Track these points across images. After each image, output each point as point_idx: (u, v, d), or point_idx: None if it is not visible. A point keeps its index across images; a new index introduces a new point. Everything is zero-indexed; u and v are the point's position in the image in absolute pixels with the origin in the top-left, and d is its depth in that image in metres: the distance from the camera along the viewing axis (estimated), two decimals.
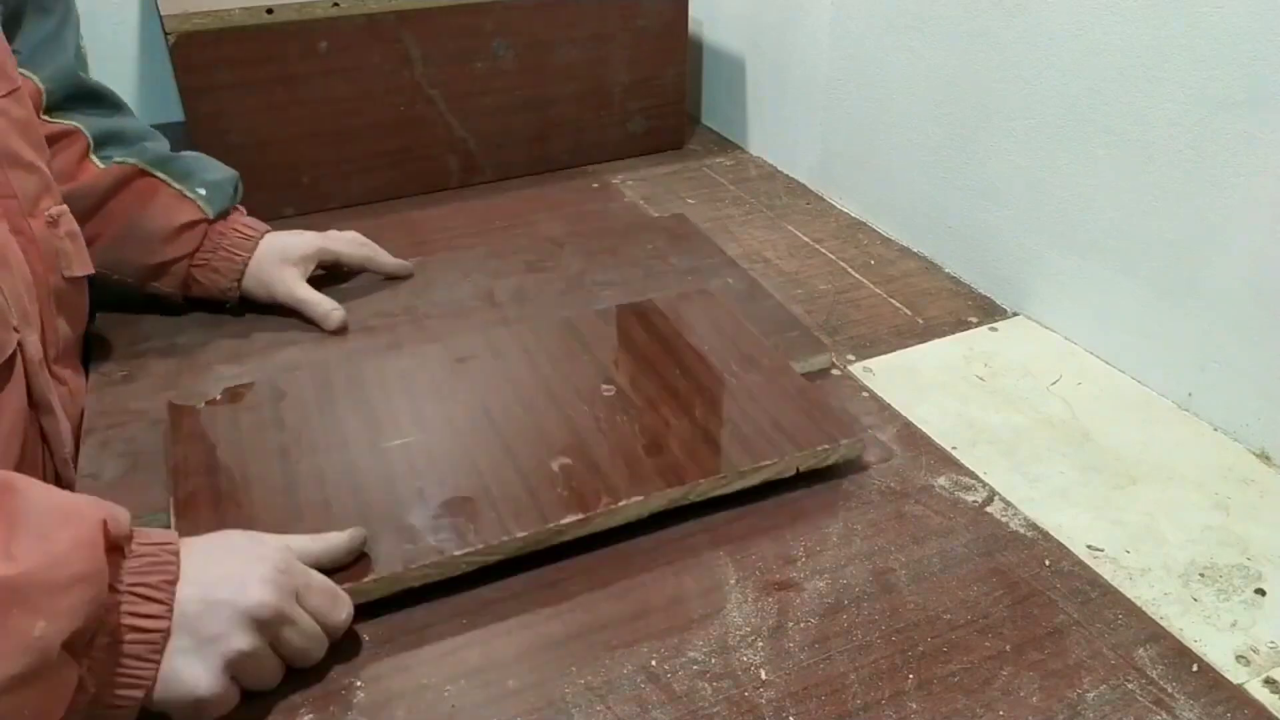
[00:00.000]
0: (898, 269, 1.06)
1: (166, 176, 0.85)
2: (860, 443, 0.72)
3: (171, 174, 0.85)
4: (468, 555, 0.62)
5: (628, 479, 0.67)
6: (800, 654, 0.59)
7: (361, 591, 0.59)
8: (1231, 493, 0.74)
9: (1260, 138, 0.73)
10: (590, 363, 0.80)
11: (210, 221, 0.86)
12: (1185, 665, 0.59)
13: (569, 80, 1.24)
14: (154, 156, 0.85)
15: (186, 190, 0.85)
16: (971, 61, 0.97)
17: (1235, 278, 0.77)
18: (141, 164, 0.84)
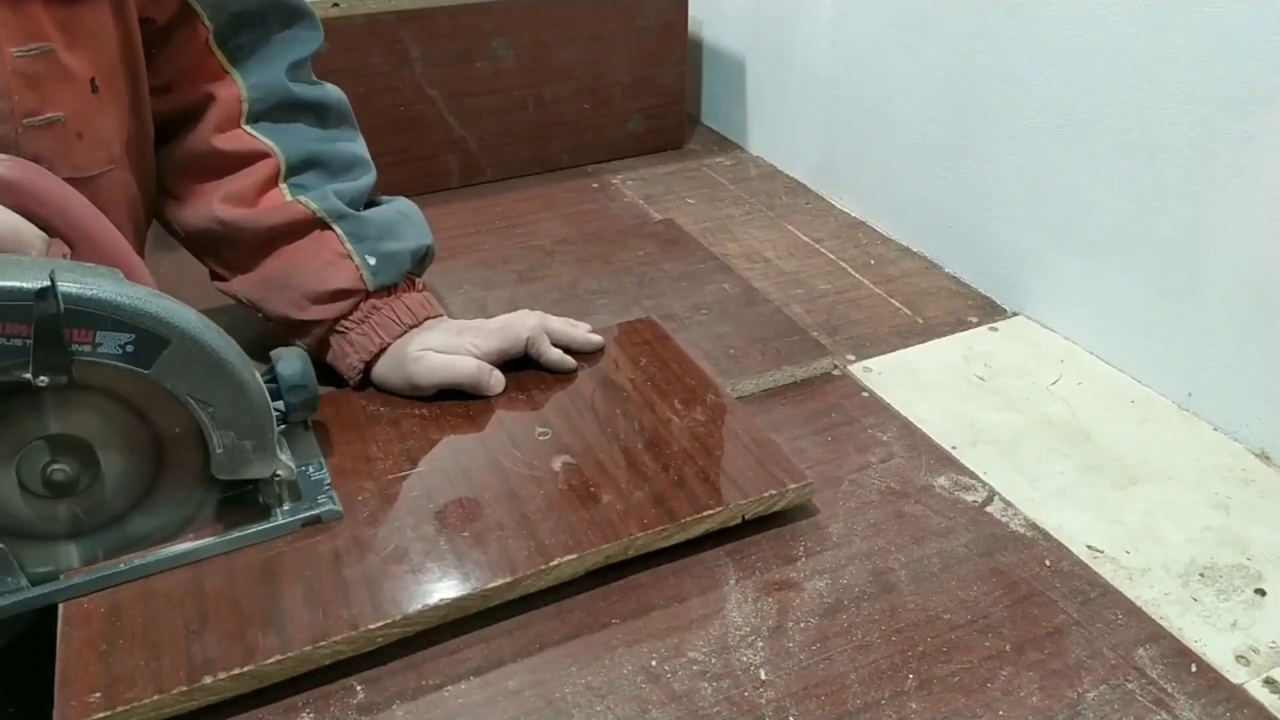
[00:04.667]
0: (898, 269, 1.06)
1: (341, 233, 0.76)
2: (809, 487, 0.68)
3: (347, 231, 0.76)
4: (384, 628, 0.57)
5: (561, 535, 0.62)
6: (800, 654, 0.59)
7: (263, 675, 0.54)
8: (1231, 493, 0.74)
9: (1260, 138, 0.73)
10: (525, 402, 0.75)
11: (368, 294, 0.76)
12: (1185, 665, 0.59)
13: (569, 80, 1.24)
14: (335, 207, 0.76)
15: (355, 255, 0.75)
16: (971, 61, 0.97)
17: (1235, 278, 0.77)
18: (319, 212, 0.75)
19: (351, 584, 0.59)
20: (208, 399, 0.58)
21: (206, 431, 0.59)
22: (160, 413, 0.58)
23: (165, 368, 0.56)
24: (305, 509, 0.64)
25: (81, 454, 0.57)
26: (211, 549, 0.61)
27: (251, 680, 0.54)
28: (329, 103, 0.79)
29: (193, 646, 0.55)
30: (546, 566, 0.61)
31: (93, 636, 0.55)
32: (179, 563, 0.61)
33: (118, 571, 0.59)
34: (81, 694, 0.52)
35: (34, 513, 0.58)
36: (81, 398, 0.56)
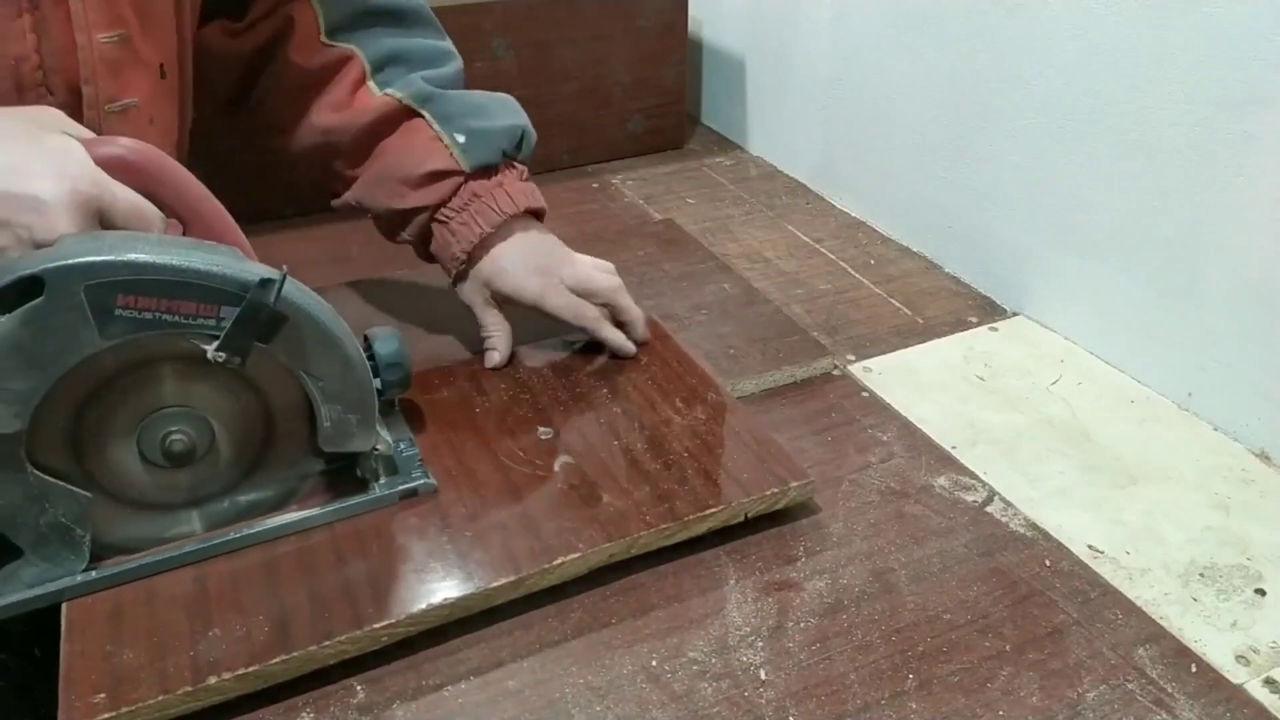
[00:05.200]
0: (898, 269, 1.06)
1: (428, 115, 0.76)
2: (810, 485, 0.68)
3: (434, 113, 0.76)
4: (388, 628, 0.57)
5: (564, 534, 0.62)
6: (800, 654, 0.59)
7: (268, 675, 0.54)
8: (1231, 493, 0.74)
9: (1260, 138, 0.73)
10: (527, 402, 0.75)
11: (466, 175, 0.75)
12: (1185, 665, 0.59)
13: (569, 80, 1.24)
14: (421, 90, 0.76)
15: (443, 134, 0.75)
16: (971, 61, 0.97)
17: (1235, 278, 0.77)
18: (405, 99, 0.75)
19: (355, 584, 0.59)
20: (319, 374, 0.60)
21: (316, 405, 0.61)
22: (272, 386, 0.60)
23: (282, 343, 0.58)
24: (401, 483, 0.65)
25: (198, 425, 0.59)
26: (316, 519, 0.63)
27: (256, 680, 0.54)
28: (405, 7, 0.80)
29: (197, 646, 0.55)
30: (550, 565, 0.61)
31: (97, 637, 0.55)
32: (286, 532, 0.62)
33: (225, 541, 0.61)
34: (86, 694, 0.52)
35: (153, 482, 0.60)
36: (201, 371, 0.58)
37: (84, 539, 0.57)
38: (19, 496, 0.55)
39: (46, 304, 0.51)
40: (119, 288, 0.52)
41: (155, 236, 0.56)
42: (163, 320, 0.54)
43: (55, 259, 0.51)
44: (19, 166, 0.52)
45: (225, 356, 0.56)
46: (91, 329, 0.52)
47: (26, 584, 0.57)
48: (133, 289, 0.52)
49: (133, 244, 0.53)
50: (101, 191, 0.54)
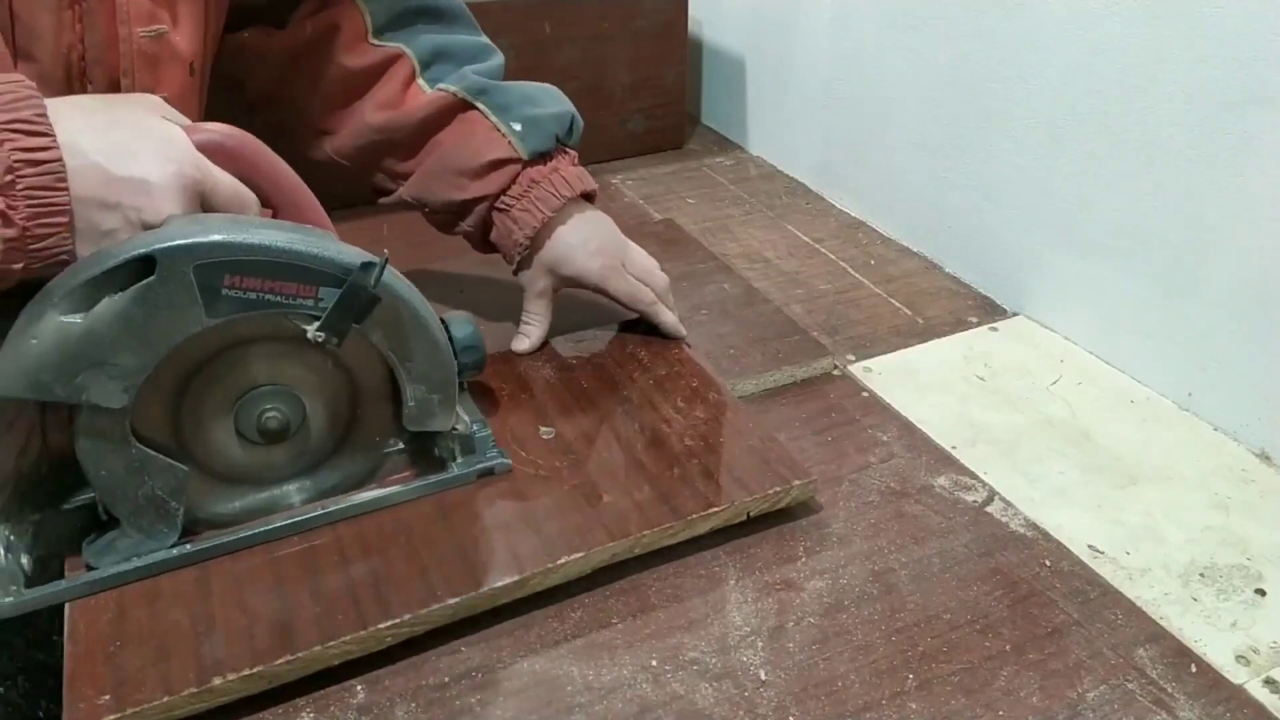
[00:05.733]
0: (898, 269, 1.06)
1: (484, 107, 0.77)
2: (813, 484, 0.68)
3: (489, 104, 0.78)
4: (392, 628, 0.57)
5: (567, 533, 0.62)
6: (800, 654, 0.59)
7: (272, 675, 0.54)
8: (1231, 493, 0.74)
9: (1260, 138, 0.73)
10: (529, 403, 0.75)
11: (524, 163, 0.77)
12: (1185, 665, 0.59)
13: (569, 80, 1.23)
14: (474, 83, 0.78)
15: (500, 124, 0.77)
16: (971, 61, 0.97)
17: (1235, 278, 0.77)
18: (460, 92, 0.77)
19: (358, 584, 0.59)
20: (407, 354, 0.62)
21: (402, 384, 0.63)
22: (361, 366, 0.63)
23: (374, 324, 0.60)
24: (477, 462, 0.67)
25: (291, 403, 0.62)
26: (399, 496, 0.65)
27: (260, 681, 0.54)
28: (444, 5, 0.82)
29: (201, 647, 0.55)
30: (554, 565, 0.61)
31: (101, 638, 0.55)
32: (371, 508, 0.64)
33: (311, 517, 0.63)
34: (90, 696, 0.52)
35: (245, 458, 0.62)
36: (293, 350, 0.60)
37: (178, 512, 0.59)
38: (121, 469, 0.57)
39: (158, 283, 0.53)
40: (226, 268, 0.54)
41: (257, 219, 0.58)
42: (265, 300, 0.56)
43: (166, 240, 0.53)
44: (127, 150, 0.54)
45: (324, 337, 0.58)
46: (199, 308, 0.54)
47: (122, 555, 0.59)
48: (239, 269, 0.54)
49: (238, 226, 0.55)
50: (204, 175, 0.56)
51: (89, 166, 0.52)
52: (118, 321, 0.53)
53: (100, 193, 0.53)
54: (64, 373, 0.53)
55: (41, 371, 0.52)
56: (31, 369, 0.52)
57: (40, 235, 0.51)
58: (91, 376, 0.53)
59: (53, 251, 0.52)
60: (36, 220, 0.51)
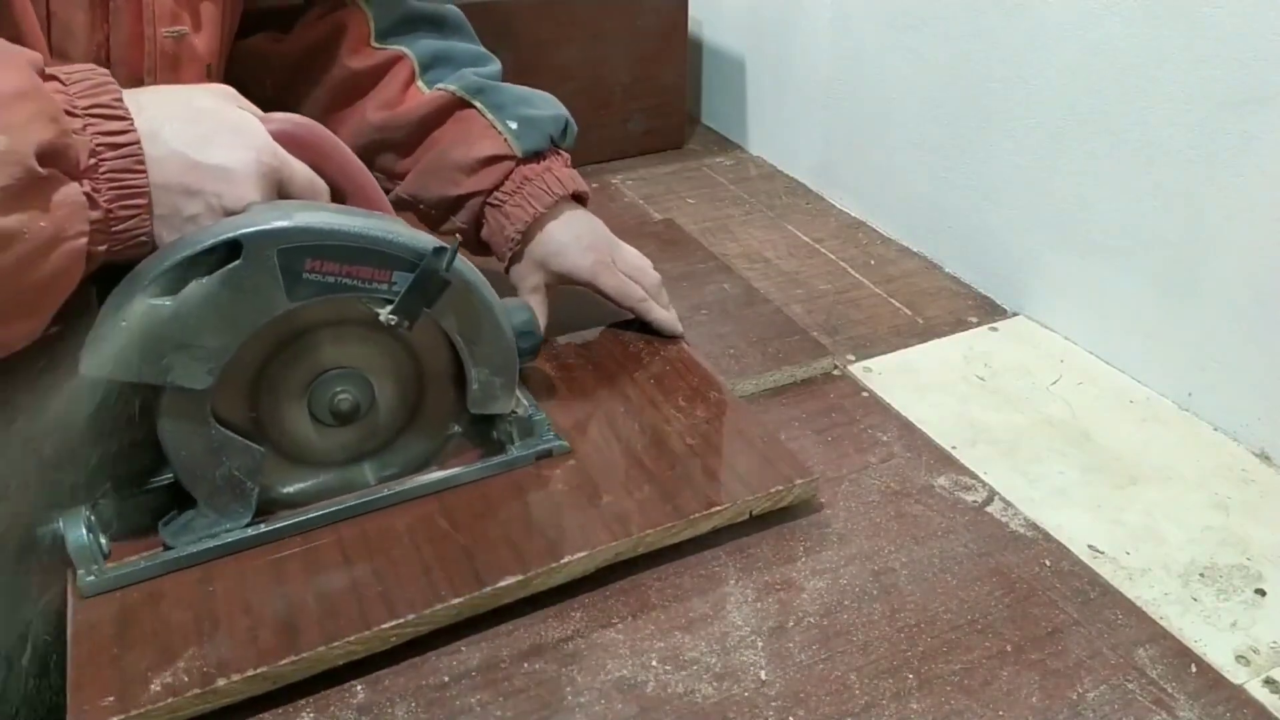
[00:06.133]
0: (898, 269, 1.06)
1: (480, 105, 0.79)
2: (815, 483, 0.68)
3: (486, 103, 0.79)
4: (396, 628, 0.57)
5: (570, 533, 0.62)
6: (800, 654, 0.59)
7: (276, 676, 0.54)
8: (1231, 493, 0.74)
9: (1260, 138, 0.73)
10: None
11: (518, 160, 0.79)
12: (1185, 665, 0.59)
13: (569, 80, 1.24)
14: (470, 84, 0.80)
15: (496, 122, 0.79)
16: (971, 61, 0.97)
17: (1235, 278, 0.77)
18: (458, 91, 0.79)
19: (361, 584, 0.59)
20: (473, 338, 0.64)
21: (467, 367, 0.64)
22: (427, 349, 0.65)
23: (444, 307, 0.62)
24: (535, 444, 0.68)
25: (362, 386, 0.63)
26: (462, 477, 0.66)
27: (265, 682, 0.54)
28: (446, 15, 0.84)
29: (205, 648, 0.55)
30: (557, 564, 0.61)
31: (104, 639, 0.55)
32: (436, 489, 0.66)
33: (382, 496, 0.64)
34: (95, 697, 0.52)
35: (317, 439, 0.64)
36: (365, 333, 0.62)
37: (253, 492, 0.61)
38: (201, 450, 0.59)
39: (243, 267, 0.54)
40: (307, 252, 0.56)
41: (331, 206, 0.60)
42: (343, 284, 0.58)
43: (251, 225, 0.54)
44: (207, 138, 0.55)
45: (397, 320, 0.60)
46: (281, 291, 0.56)
47: (199, 534, 0.60)
48: (319, 254, 0.56)
49: (317, 213, 0.57)
50: (281, 163, 0.58)
51: (171, 154, 0.54)
52: (204, 304, 0.54)
53: (183, 179, 0.54)
54: (151, 354, 0.54)
55: (130, 353, 0.53)
56: (122, 351, 0.53)
57: (122, 217, 0.53)
58: (177, 358, 0.55)
59: (133, 234, 0.54)
60: (118, 202, 0.52)
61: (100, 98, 0.52)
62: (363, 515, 0.64)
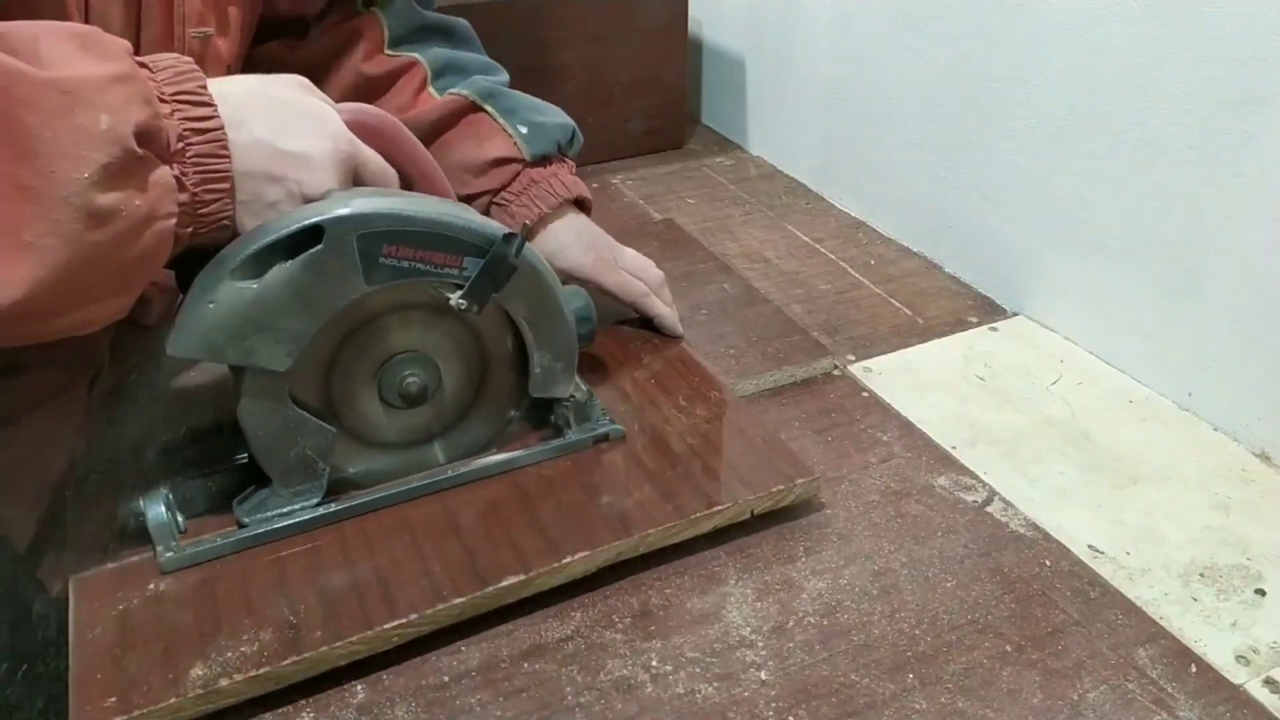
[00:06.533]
0: (898, 269, 1.06)
1: (492, 109, 0.81)
2: (816, 482, 0.68)
3: (497, 108, 0.82)
4: (399, 628, 0.57)
5: (572, 532, 0.62)
6: (800, 654, 0.59)
7: (279, 676, 0.54)
8: (1231, 493, 0.74)
9: (1260, 138, 0.73)
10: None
11: (526, 163, 0.81)
12: (1185, 665, 0.59)
13: (569, 80, 1.24)
14: (482, 89, 0.82)
15: (507, 125, 0.81)
16: (971, 61, 0.97)
17: (1235, 278, 0.77)
18: (471, 95, 0.81)
19: (364, 584, 0.59)
20: (536, 322, 0.65)
21: (530, 351, 0.66)
22: (491, 332, 0.66)
23: (511, 292, 0.63)
24: (592, 429, 0.70)
25: (429, 369, 0.65)
26: (523, 459, 0.68)
27: (267, 682, 0.54)
28: (455, 27, 0.86)
29: (207, 649, 0.55)
30: (559, 564, 0.61)
31: (106, 640, 0.55)
32: (499, 470, 0.68)
33: (446, 478, 0.66)
34: (97, 699, 0.52)
35: (385, 420, 0.65)
36: (431, 318, 0.63)
37: (324, 472, 0.62)
38: (278, 430, 0.60)
39: (324, 251, 0.56)
40: (385, 237, 0.57)
41: (404, 193, 0.62)
42: (417, 269, 0.59)
43: (332, 210, 0.56)
44: (288, 127, 0.56)
45: (467, 304, 0.61)
46: (359, 275, 0.57)
47: (272, 512, 0.62)
48: (395, 239, 0.58)
49: (393, 199, 0.59)
50: (356, 151, 0.60)
51: (255, 142, 0.55)
52: (287, 287, 0.56)
53: (266, 167, 0.55)
54: (236, 336, 0.55)
55: (217, 334, 0.55)
56: (208, 332, 0.55)
57: (206, 201, 0.54)
58: (260, 340, 0.56)
59: (216, 218, 0.54)
60: (203, 186, 0.53)
61: (186, 85, 0.53)
62: (422, 498, 0.65)
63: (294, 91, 0.59)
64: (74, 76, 0.47)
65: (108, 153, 0.47)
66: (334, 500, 0.63)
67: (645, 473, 0.68)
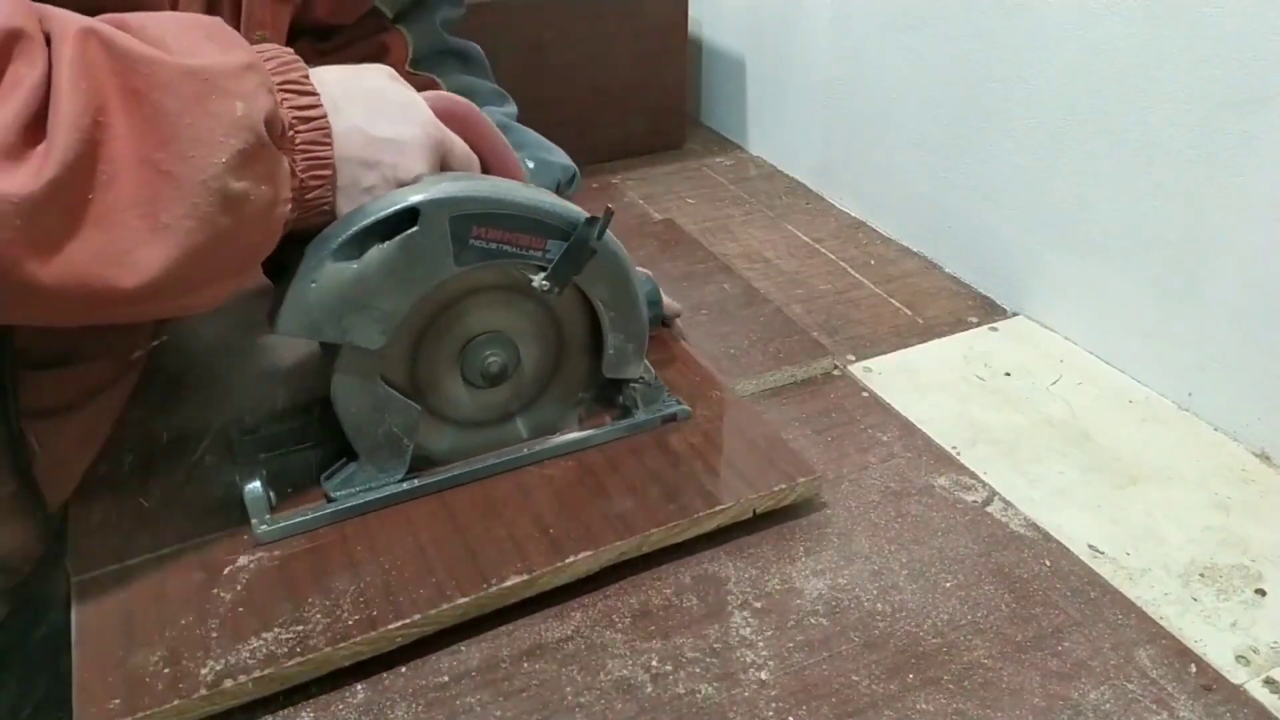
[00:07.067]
0: (898, 269, 1.06)
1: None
2: (818, 481, 0.68)
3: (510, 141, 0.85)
4: (403, 628, 0.56)
5: (576, 532, 0.62)
6: (800, 654, 0.59)
7: (284, 677, 0.54)
8: (1231, 493, 0.74)
9: (1260, 138, 0.73)
10: None
11: None
12: (1185, 665, 0.59)
13: (569, 80, 1.24)
14: (498, 121, 0.82)
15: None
16: (971, 61, 0.97)
17: (1235, 278, 0.77)
18: None
19: (368, 585, 0.59)
20: (613, 304, 0.67)
21: (605, 332, 0.68)
22: (567, 314, 0.68)
23: (591, 275, 0.64)
24: (659, 409, 0.72)
25: (509, 348, 0.66)
26: (596, 438, 0.70)
27: (272, 683, 0.54)
28: (470, 52, 0.88)
29: (211, 650, 0.55)
30: (562, 564, 0.61)
31: (109, 642, 0.55)
32: (574, 448, 0.69)
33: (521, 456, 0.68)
34: (101, 701, 0.52)
35: (466, 399, 0.67)
36: (510, 299, 0.65)
37: (408, 449, 0.64)
38: (368, 407, 0.62)
39: (419, 232, 0.57)
40: (475, 220, 0.59)
41: (491, 178, 0.63)
42: (504, 251, 0.61)
43: (427, 193, 0.57)
44: (382, 114, 0.58)
45: (549, 286, 0.62)
46: (450, 256, 0.59)
47: (358, 487, 0.64)
48: (485, 221, 0.59)
49: (483, 183, 0.61)
50: (444, 137, 0.61)
51: (352, 130, 0.56)
52: (384, 267, 0.57)
53: (363, 153, 0.57)
54: (335, 314, 0.57)
55: (317, 313, 0.57)
56: (310, 310, 0.57)
57: (311, 186, 0.55)
58: (357, 319, 0.58)
59: (317, 203, 0.56)
60: (309, 172, 0.54)
61: (291, 74, 0.54)
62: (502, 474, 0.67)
63: (384, 80, 0.61)
64: (207, 65, 0.48)
65: (242, 139, 0.49)
66: (416, 476, 0.65)
67: (649, 472, 0.68)
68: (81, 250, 0.45)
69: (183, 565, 0.60)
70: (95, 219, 0.45)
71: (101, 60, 0.45)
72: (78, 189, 0.45)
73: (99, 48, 0.45)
